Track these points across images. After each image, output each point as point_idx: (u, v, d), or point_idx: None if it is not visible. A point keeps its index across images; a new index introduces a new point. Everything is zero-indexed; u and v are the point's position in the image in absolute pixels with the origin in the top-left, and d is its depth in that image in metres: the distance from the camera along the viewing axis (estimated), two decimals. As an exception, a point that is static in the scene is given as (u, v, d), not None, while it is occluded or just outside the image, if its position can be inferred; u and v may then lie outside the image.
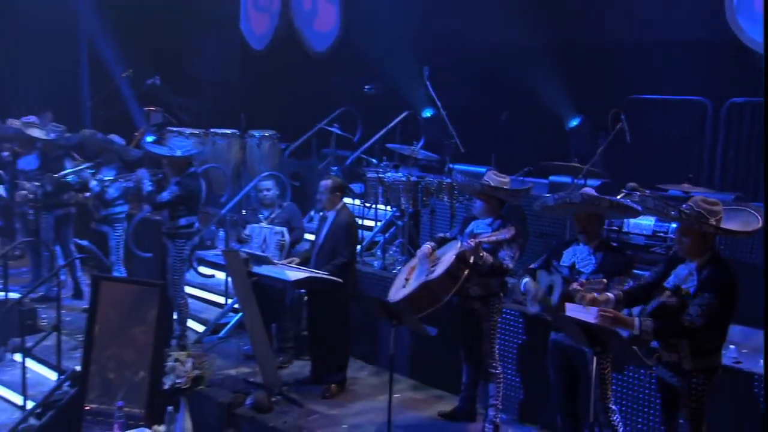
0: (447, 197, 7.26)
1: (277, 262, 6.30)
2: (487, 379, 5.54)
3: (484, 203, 5.50)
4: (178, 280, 7.13)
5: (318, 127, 9.56)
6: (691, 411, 4.07)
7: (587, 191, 4.88)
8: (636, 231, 5.84)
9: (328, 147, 9.58)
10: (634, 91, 7.86)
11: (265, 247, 6.65)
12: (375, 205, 7.96)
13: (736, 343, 5.02)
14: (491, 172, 5.66)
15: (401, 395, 6.32)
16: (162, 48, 12.51)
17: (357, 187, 8.50)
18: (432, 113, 9.49)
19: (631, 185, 6.15)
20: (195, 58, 12.92)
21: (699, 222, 3.99)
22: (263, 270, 6.19)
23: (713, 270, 3.99)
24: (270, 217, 6.93)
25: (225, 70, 12.61)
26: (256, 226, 6.84)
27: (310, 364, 6.65)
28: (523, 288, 4.82)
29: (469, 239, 5.31)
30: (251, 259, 6.28)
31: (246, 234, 6.88)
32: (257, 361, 6.43)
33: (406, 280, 5.60)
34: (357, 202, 8.23)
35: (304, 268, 6.17)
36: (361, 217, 7.88)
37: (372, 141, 8.66)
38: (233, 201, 8.69)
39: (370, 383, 6.62)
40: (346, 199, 7.14)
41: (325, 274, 6.03)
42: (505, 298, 5.66)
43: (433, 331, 5.08)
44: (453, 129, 7.61)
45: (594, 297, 4.21)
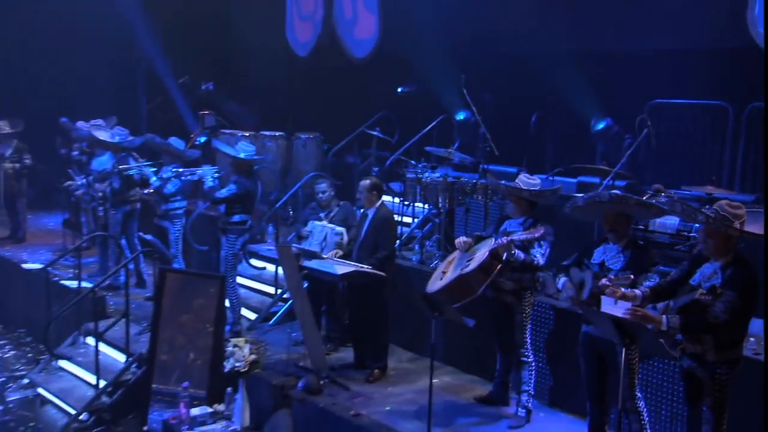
0: (481, 197, 7.30)
1: (325, 257, 6.40)
2: (520, 366, 5.59)
3: (515, 204, 5.56)
4: (230, 272, 7.25)
5: (360, 130, 9.62)
6: (715, 400, 4.12)
7: (615, 191, 4.89)
8: (660, 230, 5.80)
9: (369, 148, 9.66)
10: (658, 96, 7.80)
11: (325, 245, 6.69)
12: (413, 203, 8.05)
13: (756, 336, 5.02)
14: (522, 175, 5.70)
15: (439, 380, 6.32)
16: (214, 56, 12.70)
17: (396, 186, 8.57)
18: (465, 116, 9.51)
19: (656, 187, 6.14)
20: (244, 65, 13.05)
21: (724, 225, 4.03)
22: (313, 264, 6.30)
23: (736, 269, 4.03)
24: (329, 215, 7.00)
25: (272, 76, 12.74)
26: (318, 224, 6.88)
27: (353, 351, 6.72)
28: (560, 286, 4.87)
29: (501, 237, 5.38)
30: (302, 254, 6.42)
31: (307, 230, 6.93)
32: (306, 347, 6.54)
33: (443, 273, 5.68)
34: (396, 200, 8.29)
35: (350, 262, 6.25)
36: (400, 214, 7.96)
37: (410, 143, 8.71)
38: (283, 199, 8.82)
39: (409, 369, 6.67)
40: (385, 197, 7.23)
41: (369, 268, 6.12)
42: (537, 292, 5.69)
43: (470, 322, 5.15)
44: (488, 134, 7.63)
45: (624, 293, 4.28)
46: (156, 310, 6.60)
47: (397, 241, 7.30)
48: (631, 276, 4.39)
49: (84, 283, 8.05)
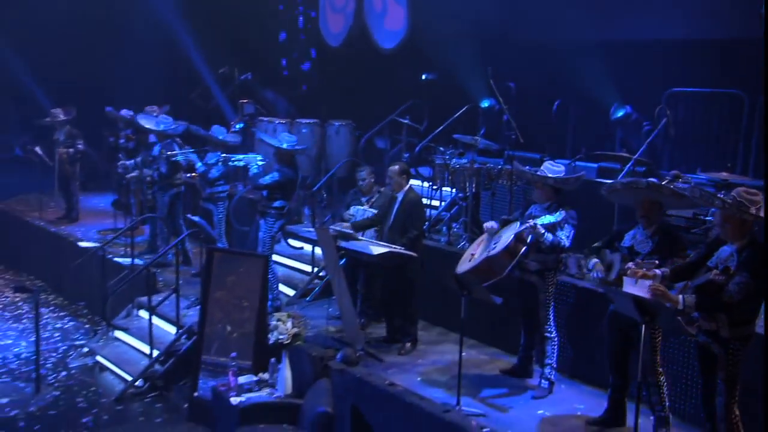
0: (506, 181, 7.36)
1: (361, 238, 6.52)
2: (543, 342, 5.68)
3: (541, 190, 5.61)
4: (267, 252, 7.36)
5: (390, 118, 9.68)
6: (728, 373, 4.22)
7: (652, 179, 4.90)
8: (677, 213, 5.85)
9: (399, 135, 9.73)
10: (676, 85, 7.78)
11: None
12: (441, 187, 8.13)
13: (768, 315, 5.07)
14: (548, 162, 5.74)
15: (465, 353, 6.34)
16: (251, 46, 12.82)
17: (425, 170, 8.65)
18: (490, 104, 9.53)
19: (674, 173, 6.16)
20: (280, 56, 13.16)
21: (740, 210, 4.10)
22: (350, 245, 6.39)
23: (751, 252, 4.10)
24: (370, 200, 7.09)
25: (306, 65, 12.84)
26: (360, 208, 6.98)
27: (385, 326, 6.83)
28: (591, 266, 4.91)
29: (527, 221, 5.45)
30: (339, 236, 6.55)
31: (349, 214, 7.01)
32: (342, 321, 6.69)
33: (472, 255, 5.76)
34: (425, 184, 8.38)
35: (384, 244, 6.33)
36: (429, 198, 8.05)
37: (438, 131, 8.77)
38: (318, 184, 8.96)
39: (438, 342, 6.75)
40: (414, 181, 7.29)
41: (402, 249, 6.22)
42: (560, 273, 5.76)
43: (498, 300, 5.29)
44: (513, 122, 7.68)
45: (644, 272, 4.38)
46: (204, 286, 6.78)
47: (426, 223, 7.40)
48: (656, 261, 4.45)
49: (134, 261, 8.30)
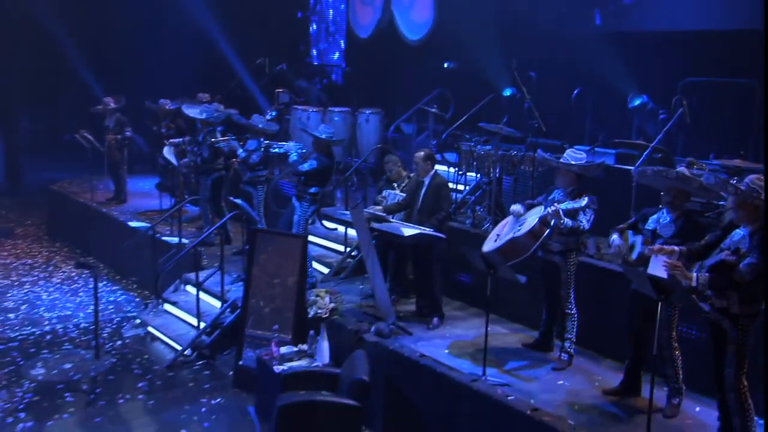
0: (528, 167, 7.46)
1: (392, 220, 6.67)
2: (564, 318, 5.77)
3: (563, 176, 5.68)
4: (302, 233, 7.48)
5: (417, 107, 9.77)
6: (737, 347, 4.30)
7: (682, 170, 4.92)
8: (693, 199, 5.90)
9: (425, 123, 9.82)
10: (690, 75, 7.76)
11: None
12: (466, 172, 8.24)
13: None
14: (570, 150, 5.79)
15: (490, 328, 6.52)
16: (283, 39, 12.95)
17: (451, 156, 8.75)
18: (511, 92, 9.59)
19: (689, 160, 6.21)
20: (312, 47, 13.27)
21: (752, 197, 4.18)
22: (382, 226, 6.52)
23: (763, 235, 4.19)
24: (401, 185, 7.20)
25: (336, 56, 12.93)
26: (391, 192, 7.09)
27: (415, 302, 6.96)
28: (612, 242, 4.99)
29: (550, 205, 5.55)
30: (372, 218, 6.70)
31: (382, 196, 7.11)
32: (375, 298, 6.82)
33: (497, 236, 5.85)
34: (452, 169, 8.49)
35: (414, 225, 6.45)
36: (455, 183, 8.16)
37: (463, 119, 8.84)
38: (351, 169, 9.09)
39: (464, 318, 6.86)
40: (442, 166, 7.39)
41: (431, 231, 6.36)
42: (580, 254, 5.83)
43: (523, 279, 5.42)
44: (536, 111, 7.74)
45: (661, 247, 4.50)
46: (248, 264, 6.96)
47: (452, 206, 7.51)
48: (675, 248, 4.52)
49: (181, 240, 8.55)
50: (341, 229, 8.50)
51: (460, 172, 8.20)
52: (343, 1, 12.73)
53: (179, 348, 7.33)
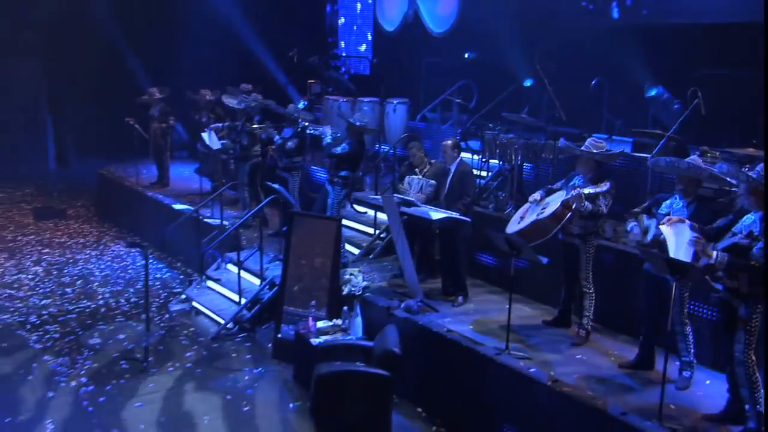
0: (549, 155, 7.54)
1: (420, 205, 6.81)
2: (582, 296, 5.89)
3: (585, 164, 5.75)
4: (335, 216, 7.65)
5: (443, 97, 9.84)
6: (746, 324, 4.38)
7: (694, 161, 4.96)
8: (705, 184, 5.95)
9: (450, 112, 9.89)
10: (704, 66, 7.76)
11: (420, 194, 7.02)
12: (489, 159, 8.33)
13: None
14: (591, 138, 5.87)
15: (512, 306, 6.76)
16: (315, 32, 13.05)
17: (474, 144, 8.84)
18: (532, 83, 9.62)
19: (703, 148, 6.24)
20: (340, 39, 13.34)
21: (763, 184, 4.25)
22: (411, 210, 6.64)
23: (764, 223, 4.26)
24: (423, 171, 7.31)
25: (363, 48, 12.98)
26: (415, 177, 7.20)
27: (441, 281, 7.06)
28: (630, 228, 5.10)
29: (572, 190, 5.64)
30: (402, 203, 6.84)
31: (404, 187, 7.19)
32: (404, 277, 6.93)
33: (521, 218, 5.97)
34: (475, 156, 8.58)
35: (441, 209, 6.55)
36: (478, 169, 8.25)
37: (486, 109, 8.90)
38: (379, 156, 9.20)
39: (486, 296, 6.97)
40: (466, 153, 7.45)
41: (457, 214, 6.49)
42: (598, 237, 5.92)
43: (544, 260, 5.53)
44: (557, 101, 7.78)
45: (671, 218, 4.61)
46: (286, 245, 7.13)
47: (476, 191, 7.61)
48: (686, 220, 4.59)
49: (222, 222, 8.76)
50: (371, 212, 8.65)
51: (484, 159, 8.29)
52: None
53: (222, 321, 7.53)
